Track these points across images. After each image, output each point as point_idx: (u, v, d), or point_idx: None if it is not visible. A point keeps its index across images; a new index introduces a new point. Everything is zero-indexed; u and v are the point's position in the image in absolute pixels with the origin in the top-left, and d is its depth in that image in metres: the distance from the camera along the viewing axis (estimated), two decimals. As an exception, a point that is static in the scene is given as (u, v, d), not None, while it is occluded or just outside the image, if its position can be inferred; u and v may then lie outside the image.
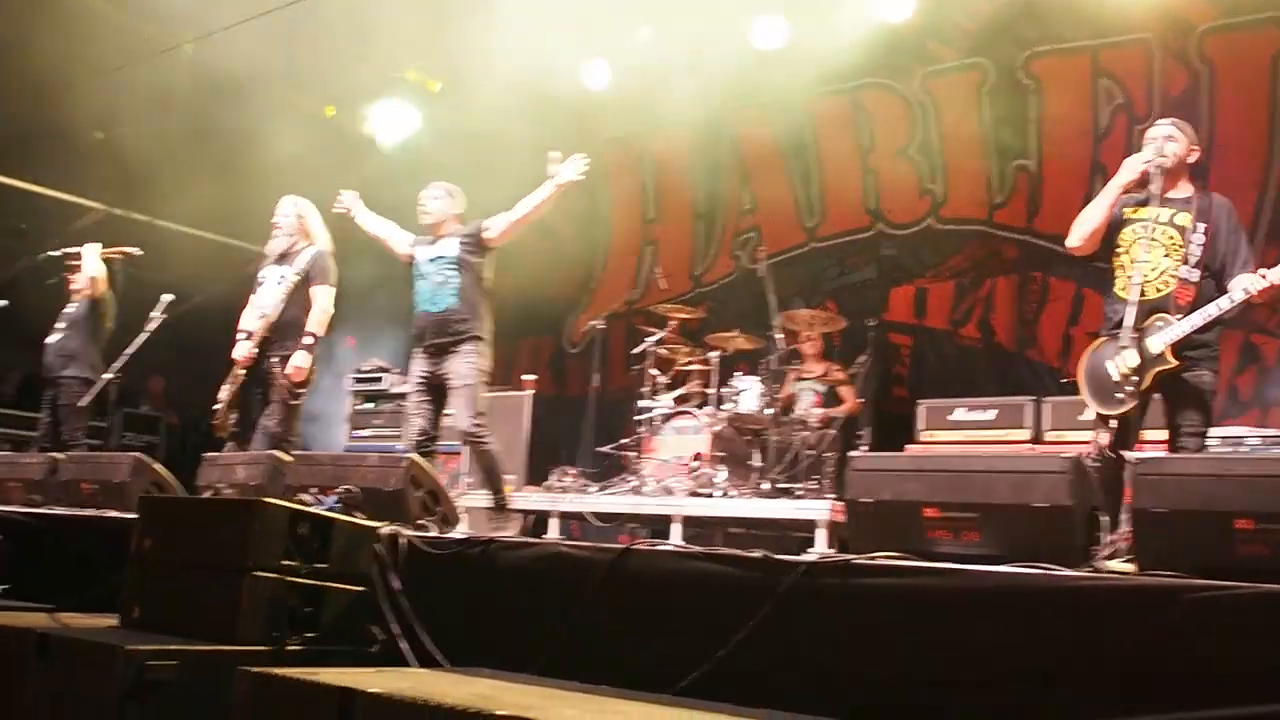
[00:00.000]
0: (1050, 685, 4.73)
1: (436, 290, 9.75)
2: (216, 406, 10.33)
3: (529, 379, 15.03)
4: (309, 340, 10.23)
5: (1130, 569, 5.29)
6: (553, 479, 13.02)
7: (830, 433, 12.09)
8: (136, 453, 10.15)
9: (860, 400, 12.51)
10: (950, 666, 4.96)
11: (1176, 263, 7.58)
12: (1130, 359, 7.49)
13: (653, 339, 12.95)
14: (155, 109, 15.78)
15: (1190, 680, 4.45)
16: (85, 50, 14.62)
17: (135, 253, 12.26)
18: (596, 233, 14.53)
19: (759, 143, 15.83)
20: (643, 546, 6.47)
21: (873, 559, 5.51)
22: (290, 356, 10.21)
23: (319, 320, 10.34)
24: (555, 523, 12.28)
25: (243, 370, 10.29)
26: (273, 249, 10.71)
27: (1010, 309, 13.58)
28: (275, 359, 10.22)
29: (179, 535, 6.42)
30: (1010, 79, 13.66)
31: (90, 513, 9.38)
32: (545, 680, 5.49)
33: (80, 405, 11.91)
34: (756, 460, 11.86)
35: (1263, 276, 7.23)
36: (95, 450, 12.43)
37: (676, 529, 11.14)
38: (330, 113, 17.87)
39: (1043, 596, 4.89)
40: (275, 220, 10.73)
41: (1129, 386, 7.50)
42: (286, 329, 10.32)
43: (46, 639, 5.45)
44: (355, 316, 16.00)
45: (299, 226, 10.70)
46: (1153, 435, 8.21)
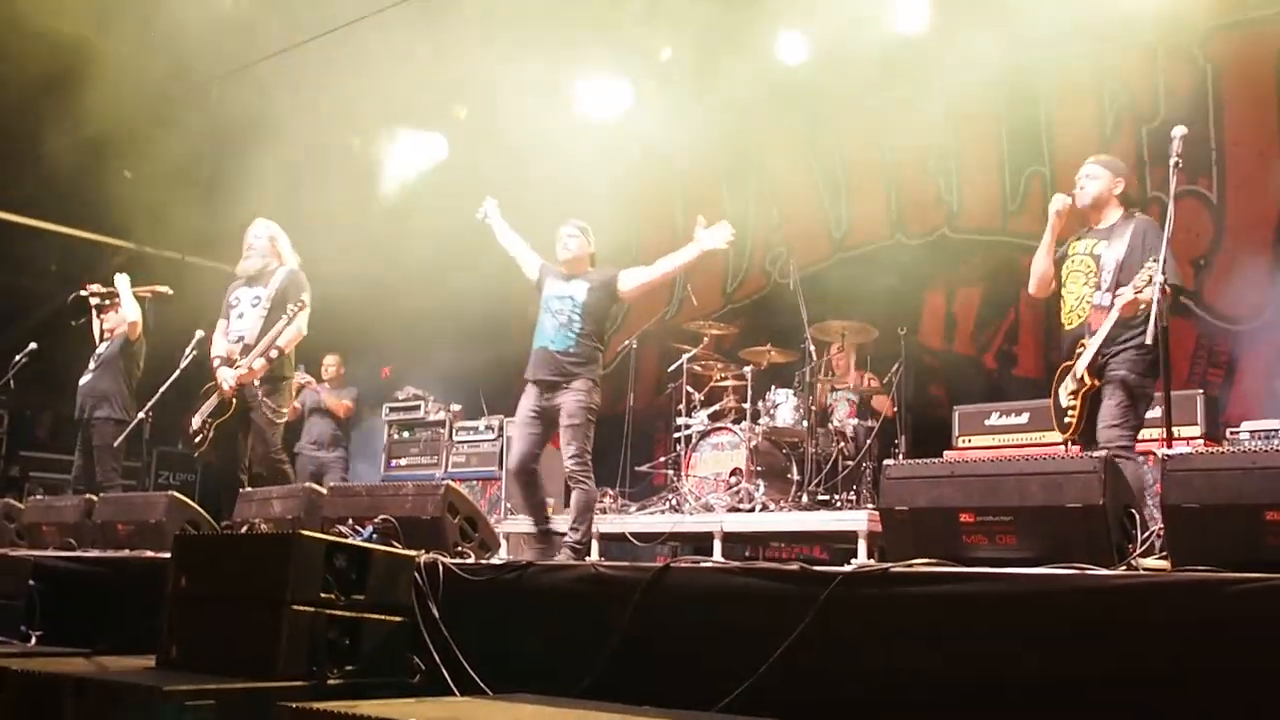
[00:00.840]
0: (1092, 684, 4.71)
1: (560, 329, 9.88)
2: (196, 438, 10.38)
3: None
4: (274, 354, 10.26)
5: (1164, 566, 5.29)
6: (592, 500, 13.02)
7: (867, 442, 12.06)
8: (171, 491, 10.16)
9: (895, 408, 12.47)
10: (992, 670, 4.95)
11: (1091, 290, 8.36)
12: (1069, 386, 8.34)
13: (687, 356, 12.92)
14: (183, 147, 15.86)
15: (1231, 674, 4.43)
16: (114, 92, 14.72)
17: (165, 291, 12.30)
18: (627, 255, 14.52)
19: (788, 159, 15.83)
20: (681, 564, 6.46)
21: (910, 566, 5.48)
22: (269, 380, 10.33)
23: (288, 337, 10.37)
24: (595, 544, 12.24)
25: (230, 397, 10.30)
26: (244, 269, 10.76)
27: (1037, 338, 13.58)
28: (256, 382, 10.27)
29: (215, 572, 6.40)
30: (1022, 88, 13.64)
31: (126, 553, 9.41)
32: (588, 704, 5.48)
33: (114, 446, 11.95)
34: (794, 473, 11.84)
35: (1133, 289, 7.79)
36: (130, 490, 12.44)
37: (717, 545, 11.12)
38: (355, 144, 17.89)
39: (1080, 597, 4.89)
40: (248, 241, 10.78)
41: (1071, 411, 8.34)
42: (265, 351, 10.34)
43: (84, 683, 5.44)
44: (391, 346, 16.02)
45: (271, 248, 10.75)
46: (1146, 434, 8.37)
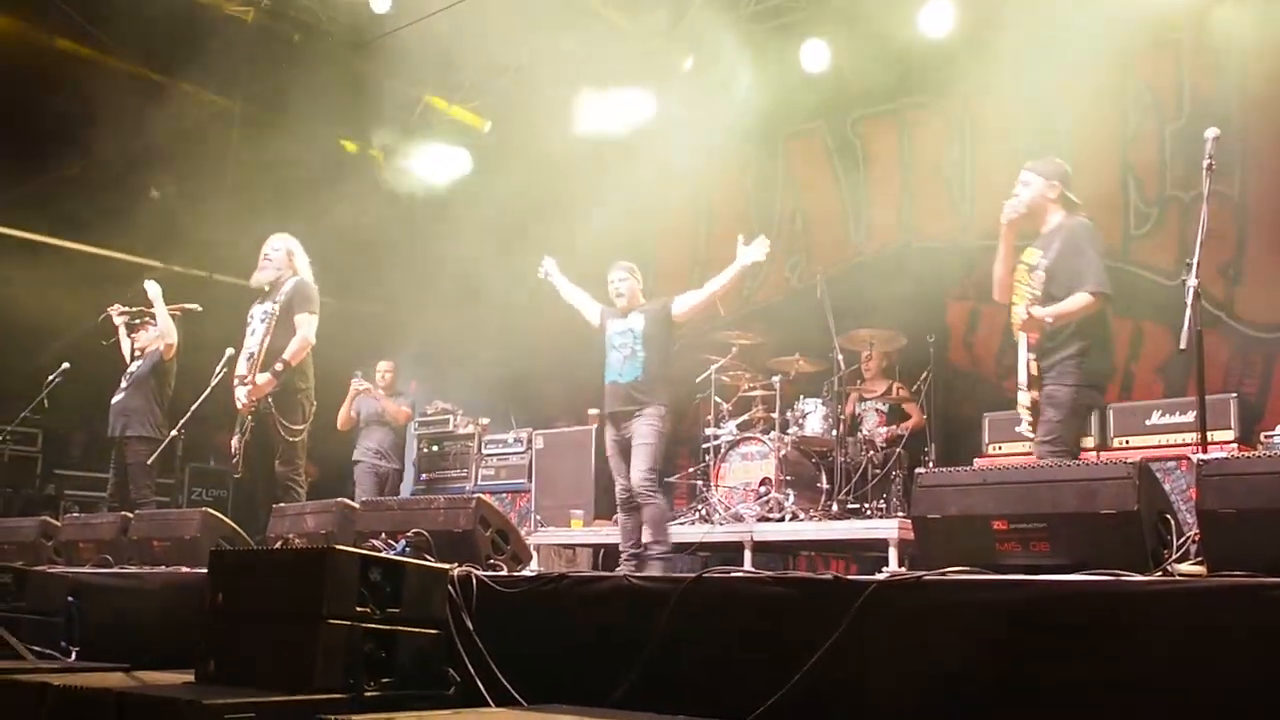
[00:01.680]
0: (1130, 691, 4.70)
1: (624, 363, 10.42)
2: (234, 458, 10.42)
3: (594, 413, 15.03)
4: (278, 366, 10.27)
5: (1200, 571, 5.25)
6: (621, 512, 13.05)
7: (897, 451, 12.06)
8: (205, 508, 10.20)
9: (924, 416, 12.47)
10: (1027, 677, 4.94)
11: (1029, 301, 8.27)
12: (1023, 399, 8.36)
13: (715, 365, 12.91)
14: (211, 164, 15.96)
15: (1271, 678, 4.42)
16: (138, 111, 14.80)
17: (195, 309, 12.35)
18: (650, 263, 14.52)
19: (810, 165, 15.85)
20: (713, 574, 6.47)
21: (944, 574, 5.48)
22: (279, 395, 10.33)
23: (295, 349, 10.39)
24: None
25: (248, 416, 10.33)
26: (258, 280, 10.83)
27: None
28: (269, 398, 10.29)
29: (251, 588, 6.42)
30: (1043, 90, 13.62)
31: (162, 569, 9.44)
32: (622, 714, 5.50)
33: (147, 464, 12.00)
34: (824, 482, 11.85)
35: (1037, 312, 8.03)
36: (164, 507, 12.48)
37: (748, 555, 11.14)
38: (377, 156, 17.95)
39: (1116, 603, 4.86)
40: (264, 254, 10.83)
41: (1027, 423, 8.37)
42: (272, 363, 10.38)
43: (125, 697, 5.46)
44: (420, 359, 16.03)
45: (286, 261, 10.78)
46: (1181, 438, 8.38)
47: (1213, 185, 7.46)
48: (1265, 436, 10.44)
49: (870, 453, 12.08)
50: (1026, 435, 8.40)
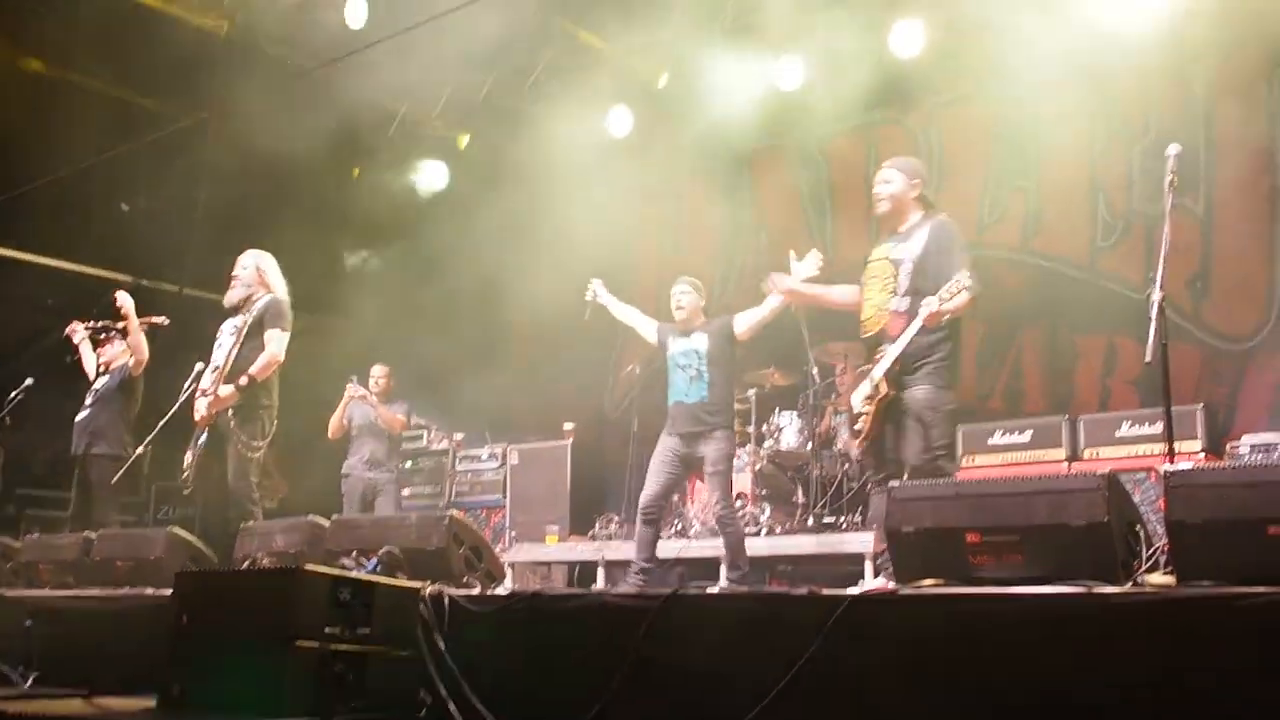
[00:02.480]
0: (1101, 701, 4.71)
1: (691, 383, 10.24)
2: (185, 472, 10.29)
3: (569, 428, 15.01)
4: (243, 380, 10.04)
5: (1169, 581, 5.29)
6: (597, 527, 13.01)
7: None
8: (171, 527, 10.09)
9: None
10: (1001, 689, 4.95)
11: (889, 295, 8.18)
12: (864, 391, 8.14)
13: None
14: (181, 180, 15.91)
15: (1238, 688, 4.46)
16: (108, 125, 14.78)
17: (161, 322, 12.22)
18: (622, 277, 14.47)
19: (777, 181, 15.89)
20: (688, 591, 6.44)
21: (918, 588, 5.48)
22: (241, 410, 10.15)
23: (262, 364, 10.14)
24: (601, 571, 12.24)
25: (206, 429, 10.22)
26: (230, 299, 10.61)
27: (1040, 373, 13.57)
28: (230, 412, 10.11)
29: (218, 609, 6.38)
30: (1013, 106, 13.65)
31: (125, 591, 9.36)
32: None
33: (111, 482, 11.85)
34: (800, 496, 11.85)
35: (940, 300, 7.71)
36: (129, 527, 12.38)
37: (723, 570, 11.11)
38: (353, 174, 17.97)
39: (1087, 613, 4.90)
40: (235, 272, 10.66)
41: (863, 417, 8.14)
42: (238, 377, 10.18)
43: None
44: (393, 374, 15.95)
45: (257, 278, 10.62)
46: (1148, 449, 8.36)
47: (1177, 200, 7.46)
48: (1231, 447, 10.51)
49: (846, 466, 12.07)
50: (853, 442, 8.40)
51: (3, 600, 8.80)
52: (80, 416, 12.35)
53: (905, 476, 7.71)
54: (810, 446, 12.15)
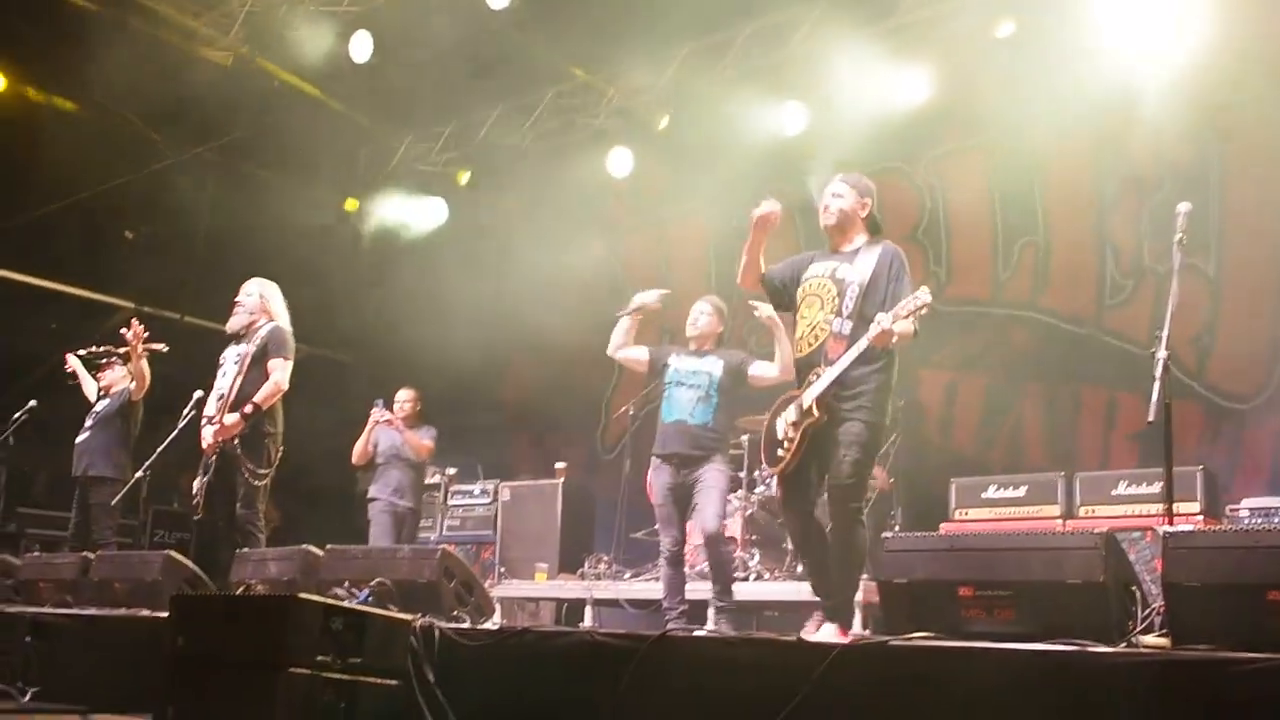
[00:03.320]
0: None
1: (698, 403, 9.81)
2: (195, 499, 10.29)
3: (560, 467, 15.01)
4: (248, 409, 10.06)
5: (1165, 643, 5.26)
6: (586, 566, 13.01)
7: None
8: (168, 551, 10.12)
9: (891, 480, 12.45)
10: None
11: (830, 315, 7.66)
12: (790, 415, 7.69)
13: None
14: (183, 209, 15.98)
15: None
16: (112, 153, 14.84)
17: (161, 348, 12.23)
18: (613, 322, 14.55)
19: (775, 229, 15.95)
20: (677, 633, 6.46)
21: (909, 640, 5.48)
22: (247, 438, 10.15)
23: (267, 392, 10.17)
24: (589, 610, 12.23)
25: (213, 456, 10.24)
26: (232, 326, 10.64)
27: (1041, 427, 13.58)
28: (235, 441, 10.14)
29: (212, 633, 6.38)
30: (1015, 157, 13.67)
31: (122, 612, 9.38)
32: (582, 771, 5.48)
33: (110, 504, 11.89)
34: (789, 543, 11.84)
35: (877, 323, 7.30)
36: (126, 549, 12.40)
37: (711, 613, 11.10)
38: (351, 207, 18.01)
39: (1079, 673, 4.86)
40: (238, 299, 10.68)
41: (787, 443, 7.66)
42: (242, 406, 10.20)
43: (80, 743, 5.43)
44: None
45: (260, 305, 10.64)
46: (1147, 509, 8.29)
47: (1186, 259, 7.40)
48: (1231, 510, 10.46)
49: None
50: (774, 462, 8.06)
51: (3, 616, 8.79)
52: (80, 439, 12.43)
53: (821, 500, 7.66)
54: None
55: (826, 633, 7.29)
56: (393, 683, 6.48)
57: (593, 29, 14.34)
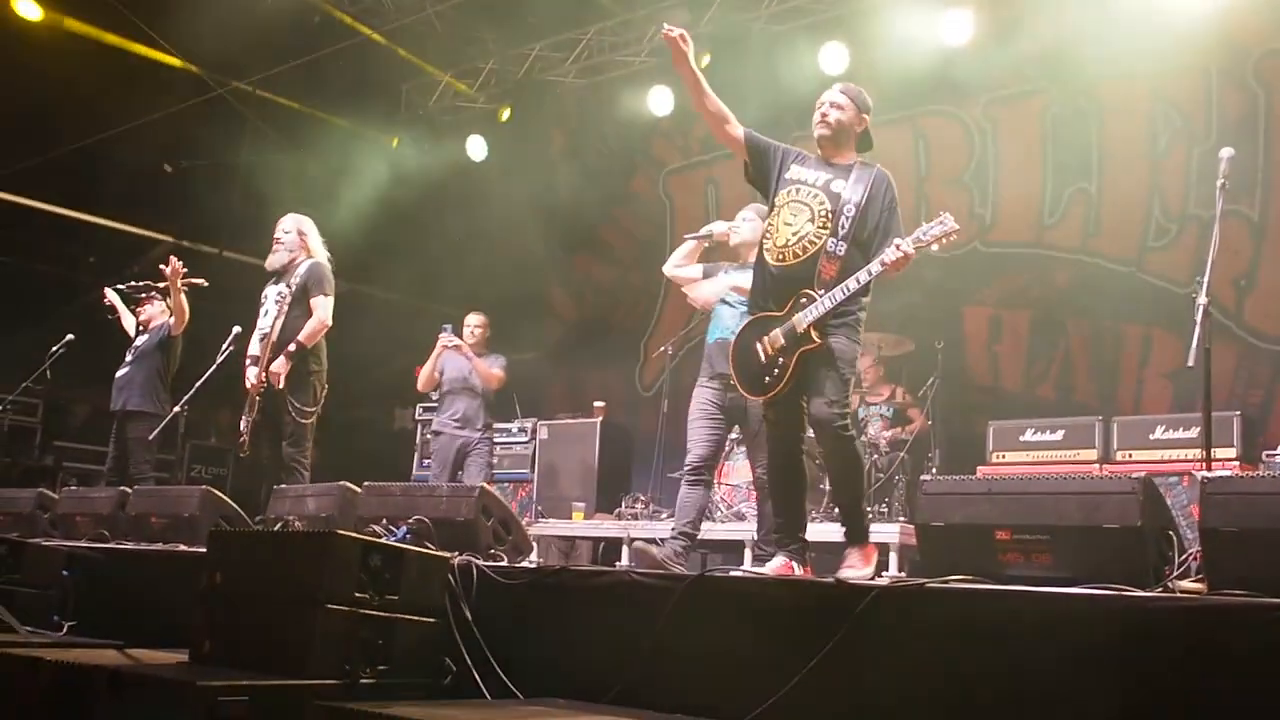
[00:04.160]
0: (1125, 707, 4.68)
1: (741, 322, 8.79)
2: (241, 438, 10.30)
3: (599, 405, 15.00)
4: (292, 348, 10.17)
5: (1201, 588, 5.25)
6: (623, 506, 12.98)
7: (900, 455, 12.03)
8: (205, 486, 10.15)
9: (929, 422, 12.42)
10: (1024, 688, 4.92)
11: (822, 232, 7.27)
12: (777, 339, 7.26)
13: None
14: (223, 143, 15.97)
15: (1266, 699, 4.40)
16: (153, 88, 14.83)
17: (200, 283, 12.21)
18: (657, 260, 14.49)
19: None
20: (715, 573, 6.44)
21: (945, 583, 5.46)
22: (292, 377, 10.22)
23: (311, 330, 10.29)
24: (626, 550, 12.23)
25: (258, 396, 10.26)
26: (272, 263, 10.71)
27: (1086, 364, 13.55)
28: (282, 380, 10.18)
29: (249, 569, 6.38)
30: (1071, 105, 13.58)
31: (159, 547, 9.42)
32: (619, 710, 5.47)
33: (148, 439, 11.91)
34: (826, 484, 11.80)
35: (897, 248, 7.02)
36: (163, 484, 12.44)
37: (748, 554, 11.09)
38: (393, 143, 17.97)
39: (1115, 617, 4.83)
40: (277, 235, 10.72)
41: (776, 368, 7.26)
42: (286, 345, 10.28)
43: (118, 675, 5.43)
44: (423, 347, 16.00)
45: (299, 242, 10.65)
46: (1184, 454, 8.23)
47: (1229, 204, 7.32)
48: (1267, 455, 10.44)
49: (874, 456, 12.02)
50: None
51: (41, 550, 8.82)
52: (119, 374, 12.44)
53: (811, 433, 7.44)
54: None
55: (775, 564, 7.14)
56: (430, 620, 6.48)
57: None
